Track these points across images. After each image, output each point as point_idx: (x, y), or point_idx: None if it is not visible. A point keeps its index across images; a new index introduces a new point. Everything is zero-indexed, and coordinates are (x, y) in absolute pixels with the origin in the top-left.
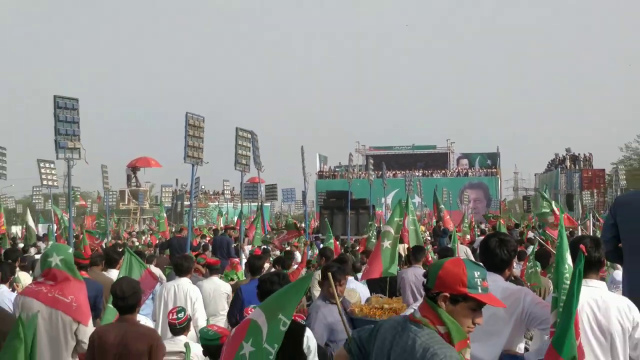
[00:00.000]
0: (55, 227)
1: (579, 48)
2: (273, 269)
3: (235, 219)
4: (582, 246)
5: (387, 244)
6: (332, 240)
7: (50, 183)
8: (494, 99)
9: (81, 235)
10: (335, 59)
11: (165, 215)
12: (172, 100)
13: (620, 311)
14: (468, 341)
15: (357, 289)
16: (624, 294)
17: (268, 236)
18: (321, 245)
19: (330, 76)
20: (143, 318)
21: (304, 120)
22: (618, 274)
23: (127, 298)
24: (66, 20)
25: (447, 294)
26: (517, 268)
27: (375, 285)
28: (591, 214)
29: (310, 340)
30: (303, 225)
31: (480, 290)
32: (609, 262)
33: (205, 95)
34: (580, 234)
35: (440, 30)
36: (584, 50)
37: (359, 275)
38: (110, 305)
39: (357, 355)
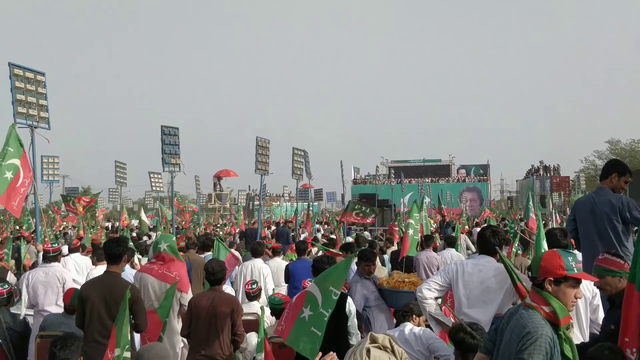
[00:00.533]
0: (162, 221)
1: (552, 83)
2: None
3: (292, 215)
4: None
5: (411, 232)
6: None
7: (158, 189)
8: (485, 123)
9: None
10: (366, 93)
11: (242, 212)
12: (245, 124)
13: (582, 284)
14: (571, 320)
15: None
16: None
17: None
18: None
19: (364, 105)
20: (228, 288)
21: (343, 140)
22: (579, 254)
23: (216, 273)
24: (171, 60)
25: (551, 278)
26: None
27: (395, 264)
28: (555, 210)
29: (351, 306)
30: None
31: (575, 271)
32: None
33: (269, 119)
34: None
35: (448, 65)
36: (555, 83)
37: (385, 257)
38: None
39: (492, 350)
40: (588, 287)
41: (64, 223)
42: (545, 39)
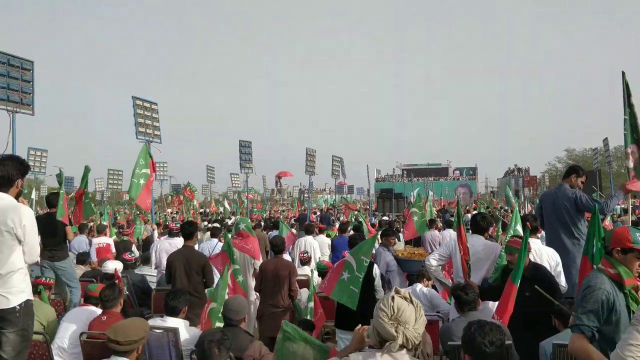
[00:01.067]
0: (240, 208)
1: (522, 102)
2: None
3: (331, 205)
4: (527, 223)
5: (416, 218)
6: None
7: (236, 185)
8: (474, 135)
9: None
10: (387, 113)
11: (296, 203)
12: (299, 138)
13: (548, 255)
14: (637, 281)
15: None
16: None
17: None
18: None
19: (384, 122)
20: (287, 256)
21: (369, 149)
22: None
23: (279, 245)
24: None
25: (618, 248)
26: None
27: (407, 241)
28: (526, 201)
29: (376, 270)
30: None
31: None
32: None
33: (316, 133)
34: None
35: (449, 87)
36: (524, 102)
37: (400, 235)
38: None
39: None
40: (553, 257)
41: (169, 210)
42: (531, 58)
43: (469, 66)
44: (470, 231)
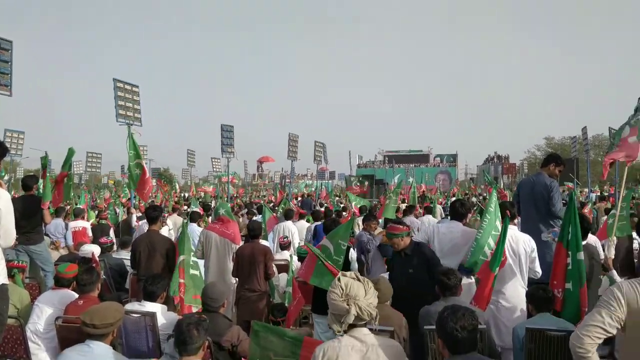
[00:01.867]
0: (221, 192)
1: (502, 92)
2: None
3: (312, 189)
4: (507, 212)
5: (388, 201)
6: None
7: (217, 169)
8: (454, 122)
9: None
10: (371, 100)
11: (278, 190)
12: (280, 122)
13: (524, 242)
14: None
15: None
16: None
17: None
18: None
19: (366, 108)
20: (263, 241)
21: (351, 135)
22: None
23: (255, 230)
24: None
25: None
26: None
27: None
28: (505, 188)
29: (352, 254)
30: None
31: None
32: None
33: (299, 118)
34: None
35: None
36: (504, 92)
37: (380, 220)
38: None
39: None
40: (528, 243)
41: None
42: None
43: (451, 54)
44: (449, 217)
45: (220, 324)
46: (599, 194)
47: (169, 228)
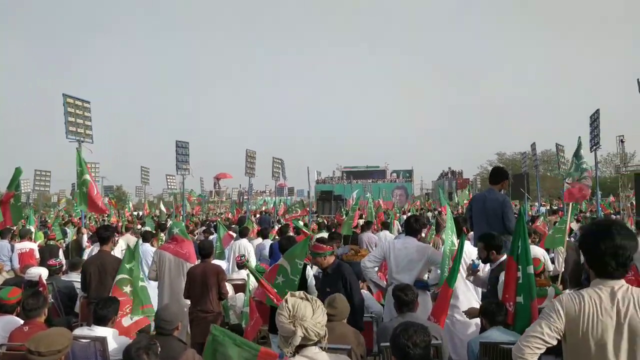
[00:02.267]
0: (175, 211)
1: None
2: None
3: (271, 206)
4: (464, 229)
5: (345, 217)
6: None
7: (172, 187)
8: (410, 138)
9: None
10: (330, 116)
11: (235, 208)
12: (236, 140)
13: (473, 253)
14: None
15: None
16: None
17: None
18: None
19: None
20: (217, 261)
21: (310, 151)
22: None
23: (206, 249)
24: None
25: None
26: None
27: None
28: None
29: (309, 272)
30: (307, 208)
31: None
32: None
33: (258, 134)
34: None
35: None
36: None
37: None
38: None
39: None
40: (470, 255)
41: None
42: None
43: (405, 72)
44: (404, 233)
45: (174, 347)
46: (548, 207)
47: (122, 248)
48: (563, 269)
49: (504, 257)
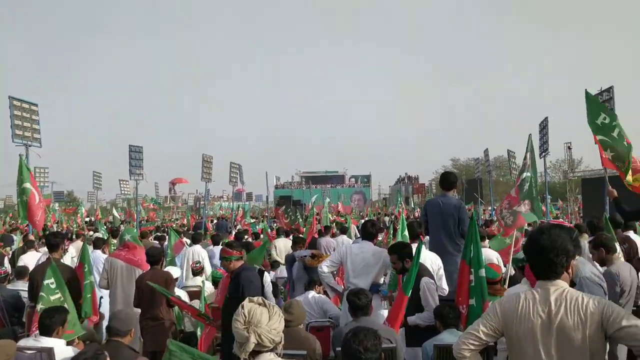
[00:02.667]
0: (127, 217)
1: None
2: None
3: (230, 212)
4: (421, 236)
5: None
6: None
7: (126, 192)
8: (368, 146)
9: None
10: (288, 120)
11: (190, 214)
12: (192, 144)
13: (431, 260)
14: None
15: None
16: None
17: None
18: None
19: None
20: (170, 268)
21: (268, 155)
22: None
23: (155, 256)
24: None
25: None
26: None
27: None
28: (415, 207)
29: (267, 278)
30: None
31: None
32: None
33: (214, 138)
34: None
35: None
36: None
37: None
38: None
39: None
40: (435, 262)
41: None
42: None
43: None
44: (361, 238)
45: (125, 355)
46: (487, 215)
47: (72, 256)
48: (513, 272)
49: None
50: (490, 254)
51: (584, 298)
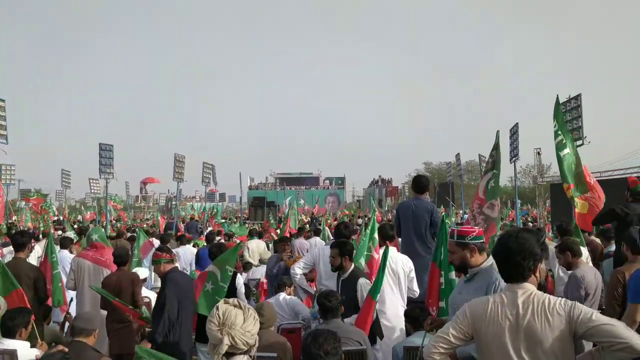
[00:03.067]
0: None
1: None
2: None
3: (202, 212)
4: (387, 242)
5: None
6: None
7: (95, 191)
8: (343, 147)
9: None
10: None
11: (159, 212)
12: (166, 141)
13: (402, 262)
14: None
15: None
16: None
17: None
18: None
19: (258, 128)
20: (138, 269)
21: (243, 155)
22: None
23: (122, 257)
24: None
25: None
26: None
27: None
28: (389, 209)
29: (239, 280)
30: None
31: None
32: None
33: (186, 138)
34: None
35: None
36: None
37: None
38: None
39: None
40: (406, 264)
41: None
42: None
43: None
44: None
45: (88, 355)
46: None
47: (38, 255)
48: None
49: (353, 265)
50: None
51: (550, 300)
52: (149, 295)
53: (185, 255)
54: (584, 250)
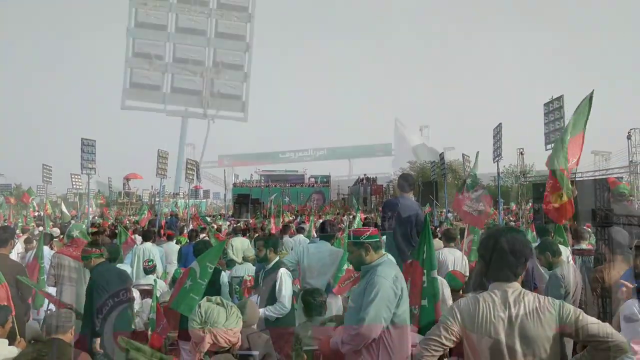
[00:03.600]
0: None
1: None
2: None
3: (185, 209)
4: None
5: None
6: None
7: (77, 187)
8: (328, 145)
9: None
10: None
11: (146, 207)
12: (150, 137)
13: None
14: None
15: None
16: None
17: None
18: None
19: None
20: (121, 266)
21: (227, 155)
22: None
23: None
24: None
25: None
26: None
27: None
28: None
29: (223, 278)
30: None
31: None
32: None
33: (163, 131)
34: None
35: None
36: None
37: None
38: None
39: None
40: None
41: None
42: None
43: (362, 77)
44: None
45: (67, 353)
46: (455, 214)
47: (17, 252)
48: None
49: (277, 257)
50: (457, 253)
51: (539, 298)
52: (133, 292)
53: (170, 252)
54: (564, 250)
